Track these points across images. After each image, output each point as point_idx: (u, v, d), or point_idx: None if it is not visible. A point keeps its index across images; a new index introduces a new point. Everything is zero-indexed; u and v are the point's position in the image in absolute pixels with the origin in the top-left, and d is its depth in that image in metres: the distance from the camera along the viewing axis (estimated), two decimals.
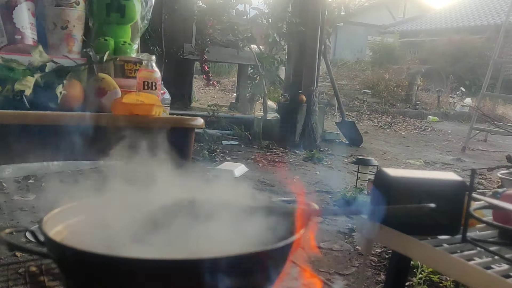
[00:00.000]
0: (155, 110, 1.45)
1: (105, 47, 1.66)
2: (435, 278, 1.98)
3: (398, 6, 22.30)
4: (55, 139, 1.21)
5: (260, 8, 6.17)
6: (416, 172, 0.97)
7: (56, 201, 0.79)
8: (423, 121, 9.77)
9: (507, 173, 1.57)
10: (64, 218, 0.78)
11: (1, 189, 2.98)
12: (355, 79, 12.87)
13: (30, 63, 1.42)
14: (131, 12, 1.74)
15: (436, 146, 6.74)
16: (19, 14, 1.56)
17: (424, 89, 12.52)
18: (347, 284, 2.00)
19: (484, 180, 4.14)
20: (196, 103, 8.19)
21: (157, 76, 1.53)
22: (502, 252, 0.86)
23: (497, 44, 6.49)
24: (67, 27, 1.64)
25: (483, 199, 0.97)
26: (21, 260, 0.88)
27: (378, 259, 2.27)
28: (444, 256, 0.84)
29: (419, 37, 17.43)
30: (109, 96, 1.47)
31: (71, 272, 0.67)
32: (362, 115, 9.57)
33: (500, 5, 16.43)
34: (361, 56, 18.10)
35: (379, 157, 5.20)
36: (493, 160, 5.65)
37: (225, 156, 4.59)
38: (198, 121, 1.55)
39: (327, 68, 6.98)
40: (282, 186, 3.56)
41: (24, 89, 1.34)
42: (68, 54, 1.60)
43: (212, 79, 6.94)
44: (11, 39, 1.55)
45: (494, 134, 6.91)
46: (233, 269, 0.62)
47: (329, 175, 4.20)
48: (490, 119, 5.99)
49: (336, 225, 2.74)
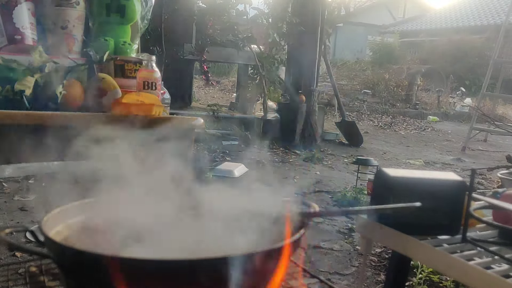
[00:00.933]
0: (155, 110, 1.45)
1: (105, 47, 1.66)
2: (435, 278, 1.98)
3: (398, 6, 22.30)
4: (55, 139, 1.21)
5: (260, 8, 6.17)
6: (416, 172, 0.98)
7: (56, 201, 0.79)
8: (423, 121, 9.78)
9: (507, 173, 1.57)
10: (64, 218, 0.78)
11: (1, 189, 2.98)
12: (355, 79, 12.87)
13: (30, 63, 1.42)
14: (131, 12, 1.74)
15: (436, 146, 6.74)
16: (19, 14, 1.56)
17: (424, 89, 12.52)
18: (347, 284, 2.00)
19: (484, 180, 4.14)
20: (196, 103, 8.18)
21: (157, 76, 1.53)
22: (502, 252, 0.86)
23: (497, 44, 6.49)
24: (67, 27, 1.64)
25: (483, 199, 0.97)
26: (21, 260, 0.88)
27: (378, 259, 2.27)
28: (444, 256, 0.84)
29: (419, 37, 17.43)
30: (109, 96, 1.47)
31: (71, 272, 0.67)
32: (362, 115, 9.57)
33: (500, 5, 16.43)
34: (361, 56, 18.10)
35: (379, 157, 5.20)
36: (493, 160, 5.65)
37: (225, 156, 4.59)
38: (198, 121, 1.55)
39: (327, 68, 6.98)
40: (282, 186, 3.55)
41: (24, 89, 1.34)
42: (68, 54, 1.60)
43: (212, 79, 6.95)
44: (11, 39, 1.55)
45: (494, 134, 6.91)
46: (233, 269, 0.62)
47: (329, 175, 4.20)
48: (490, 119, 5.99)
49: (336, 225, 2.74)
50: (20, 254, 1.88)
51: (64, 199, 0.80)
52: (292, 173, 4.16)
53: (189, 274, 0.61)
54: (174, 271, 0.61)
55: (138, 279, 0.61)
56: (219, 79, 12.61)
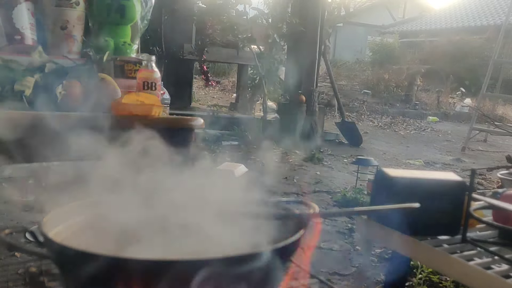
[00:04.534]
0: (155, 110, 1.45)
1: (105, 47, 1.66)
2: (435, 278, 1.98)
3: (398, 6, 22.29)
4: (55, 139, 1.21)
5: (260, 9, 6.17)
6: (416, 172, 0.98)
7: (56, 201, 0.79)
8: (423, 121, 9.77)
9: (507, 173, 1.57)
10: (64, 218, 0.78)
11: (1, 189, 2.98)
12: (355, 79, 12.87)
13: (30, 64, 1.42)
14: (131, 12, 1.74)
15: (436, 146, 6.74)
16: (19, 14, 1.56)
17: (424, 90, 12.52)
18: (347, 285, 2.00)
19: (484, 180, 4.14)
20: (196, 103, 8.18)
21: (157, 76, 1.53)
22: (502, 252, 0.86)
23: (497, 44, 6.49)
24: (67, 27, 1.64)
25: (483, 199, 0.97)
26: (20, 260, 0.88)
27: (378, 259, 2.27)
28: (444, 256, 0.84)
29: (419, 38, 17.43)
30: (109, 96, 1.47)
31: (70, 272, 0.67)
32: (362, 116, 9.57)
33: (500, 5, 16.44)
34: (361, 56, 18.09)
35: (379, 157, 5.20)
36: (493, 160, 5.65)
37: (225, 156, 4.59)
38: (198, 121, 1.55)
39: (327, 69, 6.98)
40: (282, 186, 3.56)
41: (24, 89, 1.34)
42: (68, 54, 1.60)
43: (212, 79, 6.94)
44: (10, 40, 1.55)
45: (494, 135, 6.91)
46: (233, 269, 0.62)
47: (329, 175, 4.20)
48: (490, 119, 5.99)
49: (336, 225, 2.74)
50: (20, 255, 1.87)
51: (64, 199, 0.80)
52: (292, 173, 4.16)
53: (189, 274, 0.61)
54: (174, 272, 0.61)
55: (138, 279, 0.61)
56: (219, 79, 12.60)
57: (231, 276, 0.62)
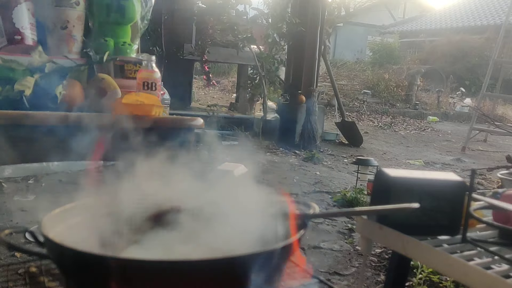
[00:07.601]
0: (155, 110, 1.45)
1: (105, 47, 1.66)
2: (435, 278, 1.98)
3: (398, 6, 22.29)
4: (55, 140, 1.21)
5: (260, 9, 6.17)
6: (416, 172, 0.98)
7: (56, 201, 0.79)
8: (423, 121, 9.78)
9: (507, 173, 1.57)
10: (64, 219, 0.78)
11: (1, 189, 2.98)
12: (355, 79, 12.87)
13: (30, 63, 1.42)
14: (131, 12, 1.74)
15: (436, 146, 6.74)
16: (19, 14, 1.56)
17: (424, 89, 12.53)
18: (347, 285, 2.00)
19: (484, 180, 4.14)
20: (196, 103, 8.18)
21: (157, 76, 1.53)
22: (502, 252, 0.86)
23: (497, 44, 6.49)
24: (67, 27, 1.64)
25: (483, 199, 0.97)
26: (20, 260, 0.88)
27: (378, 259, 2.27)
28: (444, 256, 0.84)
29: (419, 37, 17.44)
30: (109, 97, 1.47)
31: (70, 272, 0.67)
32: (362, 115, 9.57)
33: (500, 5, 16.44)
34: (361, 56, 18.10)
35: (379, 158, 5.20)
36: (493, 160, 5.65)
37: (225, 156, 4.58)
38: (198, 121, 1.55)
39: (327, 69, 6.98)
40: (282, 186, 3.55)
41: (24, 89, 1.34)
42: (68, 54, 1.60)
43: (212, 79, 6.94)
44: (11, 40, 1.55)
45: (494, 134, 6.91)
46: (233, 270, 0.62)
47: (329, 175, 4.20)
48: (490, 119, 5.99)
49: (336, 225, 2.74)
50: (20, 255, 1.87)
51: (64, 199, 0.80)
52: (292, 173, 4.16)
53: (189, 275, 0.61)
54: (173, 272, 0.61)
55: (138, 279, 0.61)
56: (219, 79, 12.60)
57: (231, 276, 0.62)
